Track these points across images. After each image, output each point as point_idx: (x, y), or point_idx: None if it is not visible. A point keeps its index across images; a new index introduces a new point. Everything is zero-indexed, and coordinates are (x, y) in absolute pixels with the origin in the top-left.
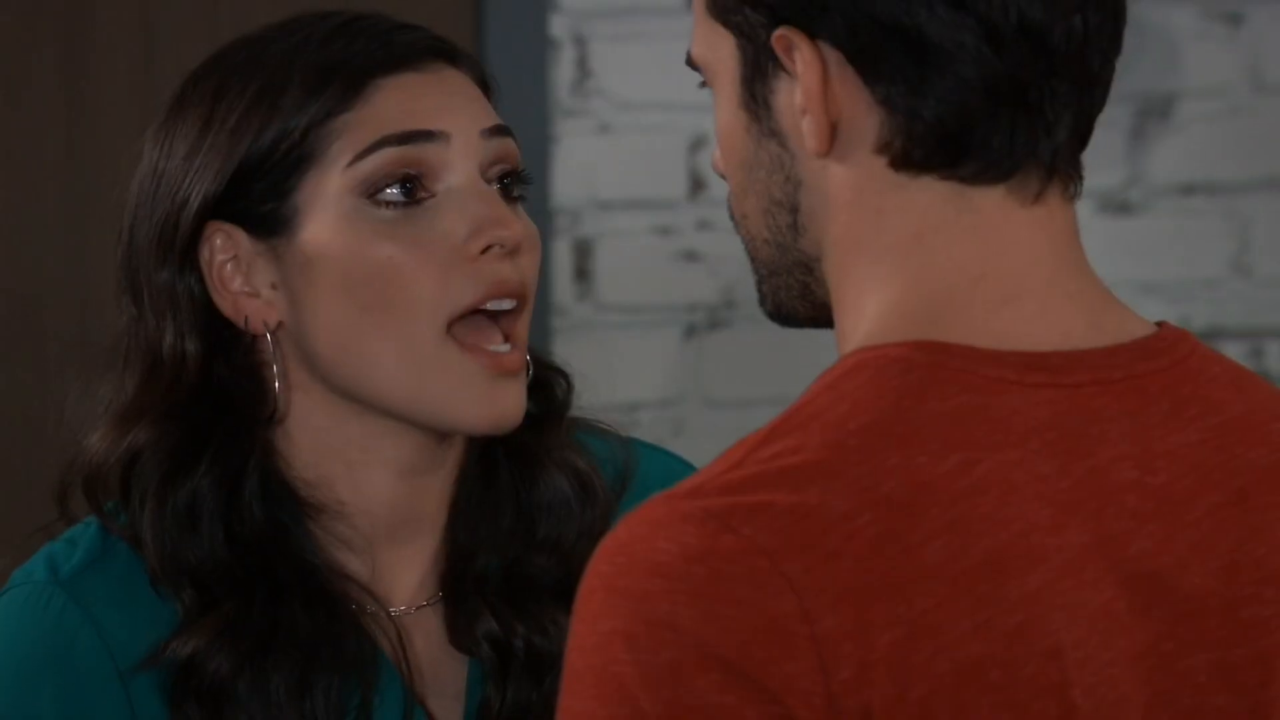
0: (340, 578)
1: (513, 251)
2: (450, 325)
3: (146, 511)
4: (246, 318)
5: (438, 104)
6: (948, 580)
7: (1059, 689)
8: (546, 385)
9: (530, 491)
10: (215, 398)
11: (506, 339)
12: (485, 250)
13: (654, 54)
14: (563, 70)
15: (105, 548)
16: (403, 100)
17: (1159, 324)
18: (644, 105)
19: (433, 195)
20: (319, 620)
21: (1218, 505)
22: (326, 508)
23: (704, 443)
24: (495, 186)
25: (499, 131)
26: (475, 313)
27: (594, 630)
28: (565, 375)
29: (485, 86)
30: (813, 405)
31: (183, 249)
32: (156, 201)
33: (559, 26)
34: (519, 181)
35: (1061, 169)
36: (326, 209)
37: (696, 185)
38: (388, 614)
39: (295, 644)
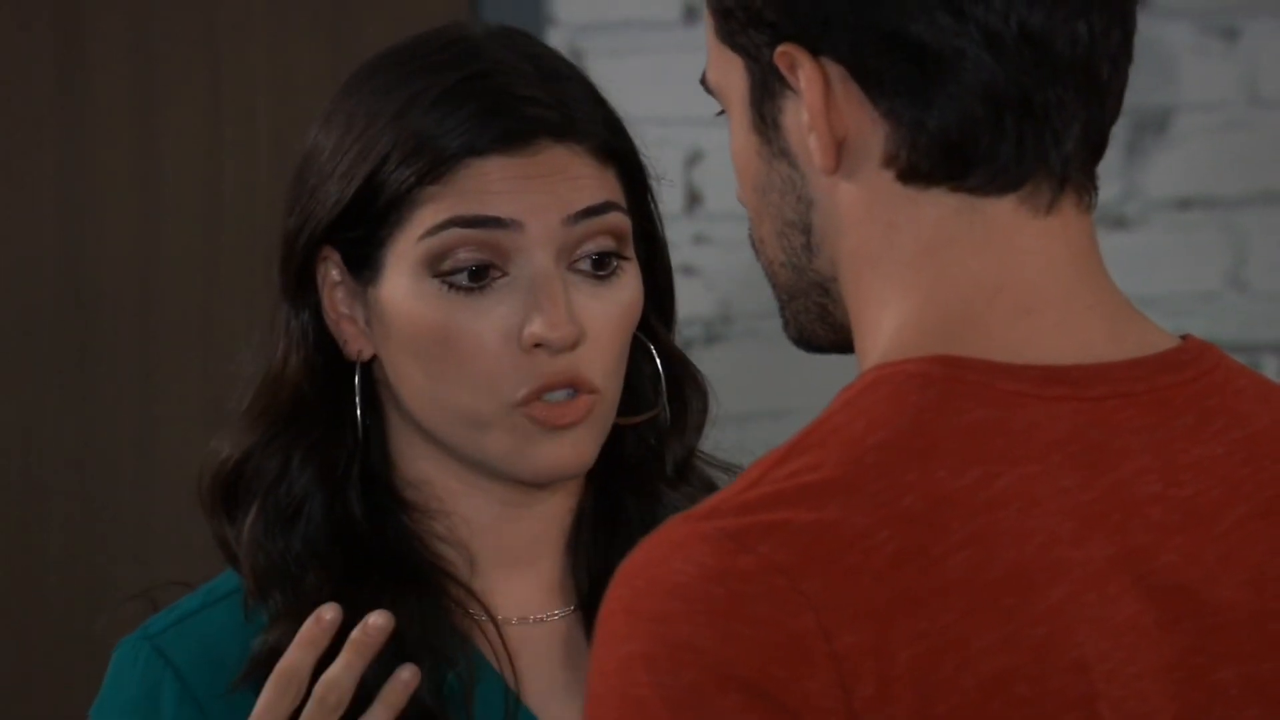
0: (438, 572)
1: (562, 350)
2: (512, 407)
3: (250, 516)
4: (346, 340)
5: (517, 188)
6: (970, 594)
7: (1086, 702)
8: (682, 400)
9: (653, 517)
10: (318, 411)
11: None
12: (536, 346)
13: (651, 68)
14: None
15: (202, 607)
16: (484, 184)
17: (1183, 337)
18: (640, 119)
19: (505, 275)
20: (407, 605)
21: (1245, 518)
22: (426, 507)
23: None
24: (585, 267)
25: (590, 214)
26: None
27: (614, 654)
28: (702, 389)
29: (608, 155)
30: (830, 422)
31: (299, 271)
32: (292, 212)
33: (555, 40)
34: (613, 257)
35: (1074, 178)
36: (401, 272)
37: (693, 199)
38: (492, 620)
39: (400, 632)
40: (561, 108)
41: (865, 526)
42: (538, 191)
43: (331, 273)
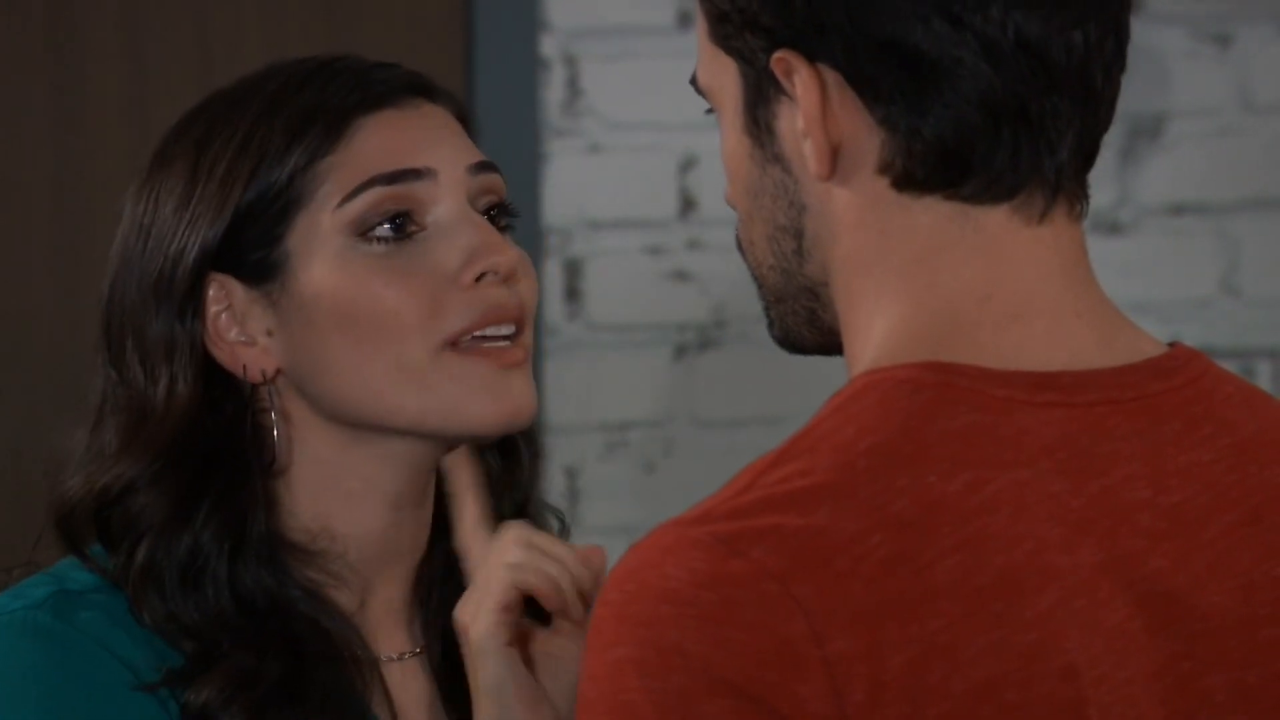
0: (337, 621)
1: (508, 278)
2: (446, 345)
3: (138, 561)
4: (245, 366)
5: (421, 140)
6: (960, 599)
7: (1075, 708)
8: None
9: None
10: (210, 448)
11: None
12: (480, 278)
13: (645, 74)
14: (553, 90)
15: (80, 586)
16: (386, 138)
17: (1171, 344)
18: (634, 125)
19: (423, 229)
20: (335, 671)
21: (1233, 524)
22: (323, 549)
23: (694, 463)
24: (484, 217)
25: (485, 168)
26: (474, 337)
27: (605, 658)
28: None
29: (465, 121)
30: (821, 428)
31: (181, 300)
32: (147, 257)
33: (549, 46)
34: (505, 213)
35: (1066, 187)
36: (318, 251)
37: (687, 205)
38: (374, 660)
39: (319, 696)
40: (419, 74)
41: (856, 531)
42: (437, 141)
43: (210, 298)
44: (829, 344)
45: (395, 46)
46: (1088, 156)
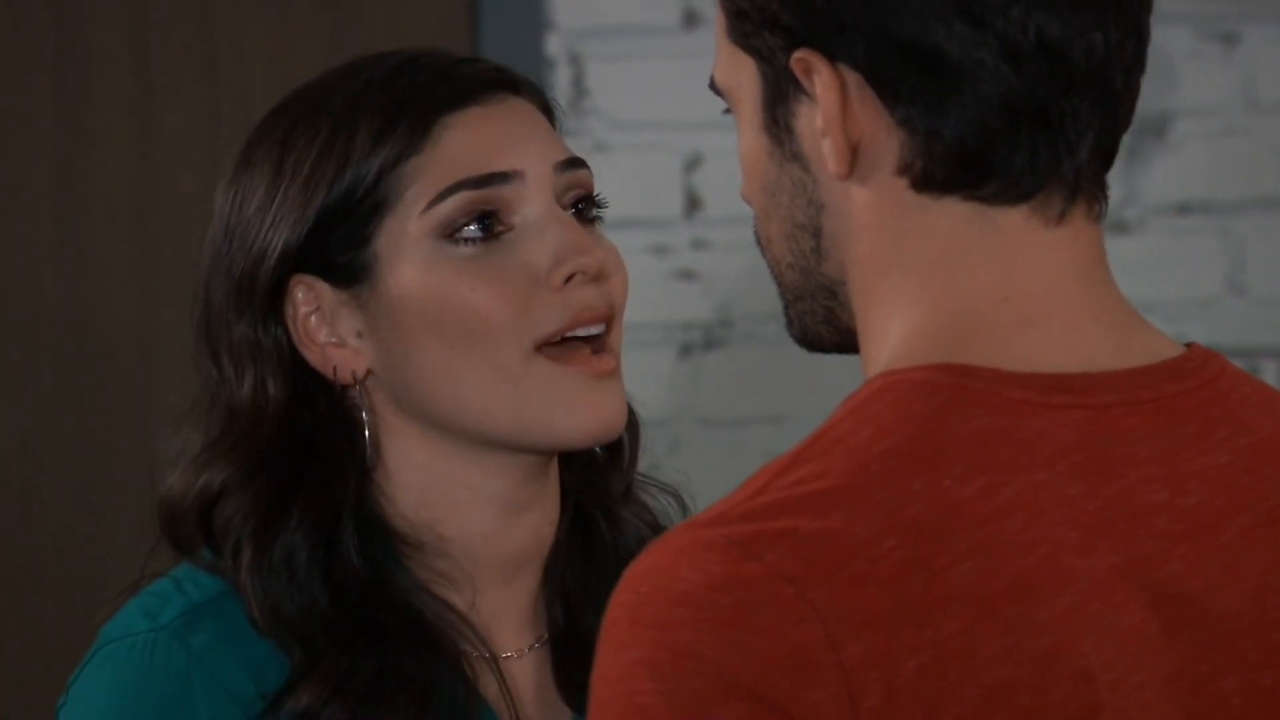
0: (445, 617)
1: (597, 276)
2: (538, 348)
3: (243, 563)
4: (335, 367)
5: (508, 141)
6: (975, 604)
7: (1090, 712)
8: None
9: (618, 541)
10: (301, 448)
11: (598, 351)
12: (569, 279)
13: (650, 73)
14: (558, 89)
15: (203, 594)
16: (473, 138)
17: (1188, 345)
18: (640, 124)
19: (510, 229)
20: (428, 665)
21: (1249, 527)
22: (428, 545)
23: (699, 462)
24: (570, 212)
25: (572, 164)
26: (564, 339)
27: (618, 660)
28: (634, 418)
29: (549, 113)
30: (836, 430)
31: (264, 301)
32: (232, 257)
33: (555, 45)
34: (593, 205)
35: (1085, 188)
36: (406, 254)
37: (692, 204)
38: (493, 657)
39: (406, 691)
40: (503, 67)
41: (871, 535)
42: (524, 139)
43: (299, 300)
44: (847, 343)
45: (400, 45)
46: (1107, 157)
